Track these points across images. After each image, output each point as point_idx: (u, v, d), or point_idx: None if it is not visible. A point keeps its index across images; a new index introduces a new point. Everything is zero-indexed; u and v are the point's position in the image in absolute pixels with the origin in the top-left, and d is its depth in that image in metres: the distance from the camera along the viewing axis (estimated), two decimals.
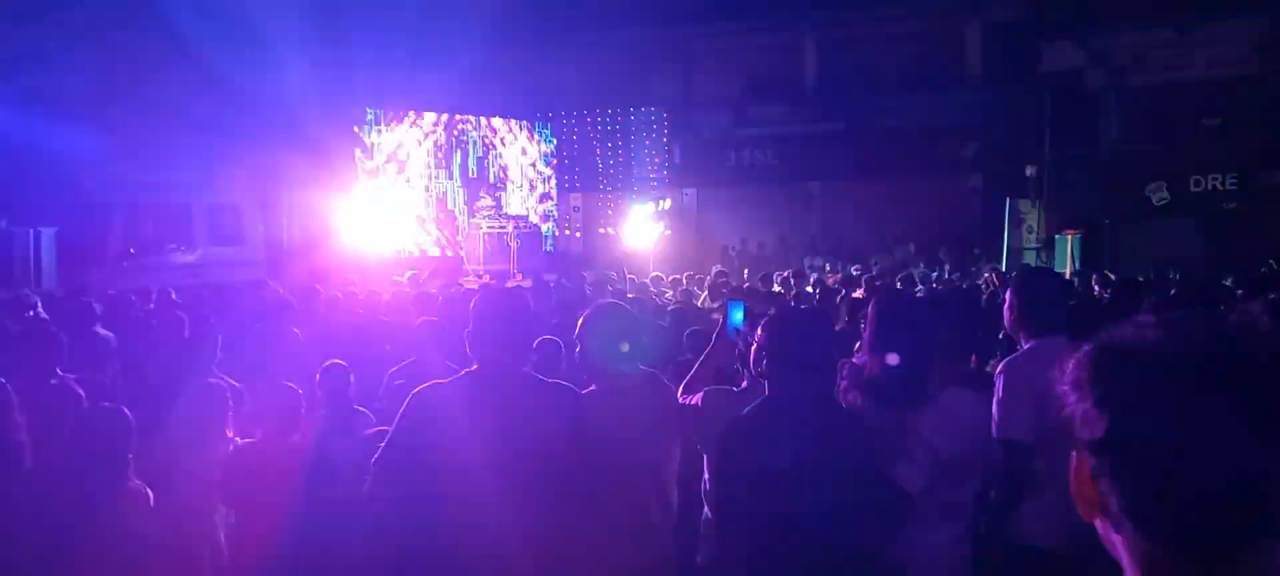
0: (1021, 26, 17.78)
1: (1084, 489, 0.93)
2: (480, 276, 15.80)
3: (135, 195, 14.21)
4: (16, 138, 12.38)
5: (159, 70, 13.47)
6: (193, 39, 13.00)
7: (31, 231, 12.59)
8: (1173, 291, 6.89)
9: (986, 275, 11.51)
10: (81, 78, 12.75)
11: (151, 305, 8.22)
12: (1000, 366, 3.25)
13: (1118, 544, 0.93)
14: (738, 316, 3.31)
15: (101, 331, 6.02)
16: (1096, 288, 9.30)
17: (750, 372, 3.15)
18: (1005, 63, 18.01)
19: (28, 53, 12.28)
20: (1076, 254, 14.86)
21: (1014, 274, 3.71)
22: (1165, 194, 16.28)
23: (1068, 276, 11.69)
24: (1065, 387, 0.94)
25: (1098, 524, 0.95)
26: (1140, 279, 8.86)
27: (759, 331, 2.92)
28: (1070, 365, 0.94)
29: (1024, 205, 16.53)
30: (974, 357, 3.49)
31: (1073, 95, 17.10)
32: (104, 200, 14.03)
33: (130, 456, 3.47)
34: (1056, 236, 15.74)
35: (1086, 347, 0.94)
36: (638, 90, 20.38)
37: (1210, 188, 16.15)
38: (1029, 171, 16.76)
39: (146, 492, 3.49)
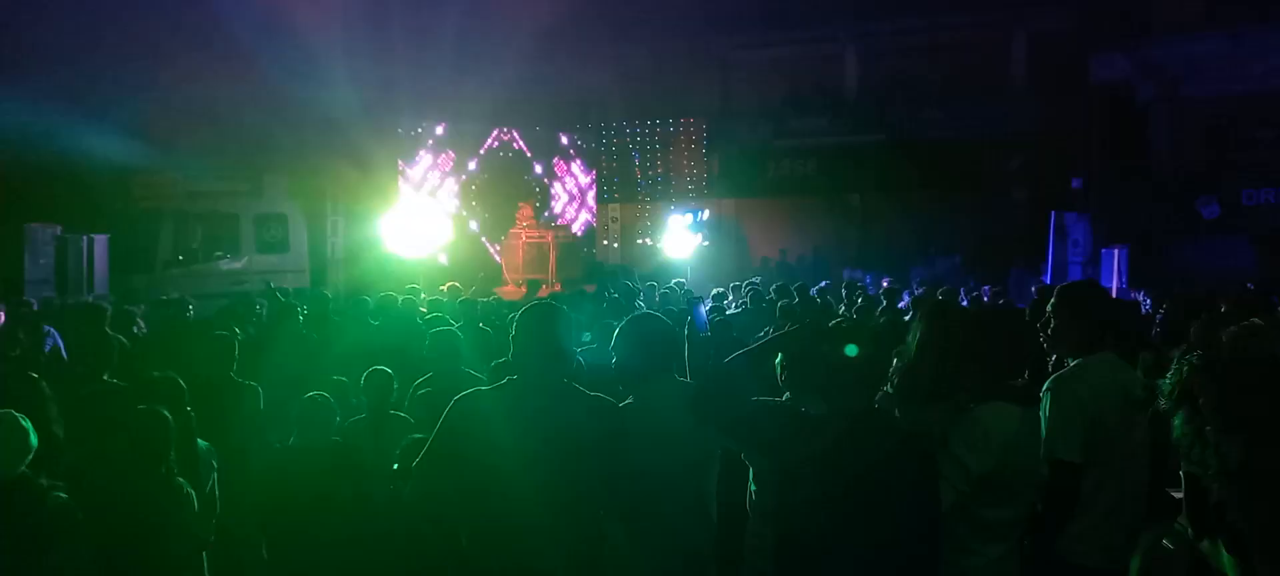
0: (1068, 37, 17.48)
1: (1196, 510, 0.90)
2: (519, 285, 15.92)
3: (185, 204, 14.56)
4: (73, 148, 12.77)
5: (208, 82, 13.82)
6: (243, 53, 13.33)
7: (85, 238, 12.92)
8: (1223, 308, 6.71)
9: (1031, 289, 11.30)
10: (134, 90, 13.11)
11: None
12: (1047, 383, 3.18)
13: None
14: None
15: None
16: (1145, 303, 9.09)
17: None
18: (1052, 74, 17.71)
19: (83, 67, 12.64)
20: (1124, 269, 14.53)
21: (1058, 288, 3.62)
22: (1216, 208, 15.88)
23: (1114, 291, 11.45)
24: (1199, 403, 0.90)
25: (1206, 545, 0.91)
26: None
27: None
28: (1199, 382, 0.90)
29: (1070, 219, 16.21)
30: (1027, 374, 3.40)
31: (1121, 107, 16.76)
32: (155, 208, 14.39)
33: (172, 455, 3.54)
34: (1103, 250, 15.40)
35: (1214, 366, 0.90)
36: (677, 101, 20.41)
37: (1263, 201, 15.73)
38: (1076, 184, 16.46)
39: (190, 492, 3.56)
